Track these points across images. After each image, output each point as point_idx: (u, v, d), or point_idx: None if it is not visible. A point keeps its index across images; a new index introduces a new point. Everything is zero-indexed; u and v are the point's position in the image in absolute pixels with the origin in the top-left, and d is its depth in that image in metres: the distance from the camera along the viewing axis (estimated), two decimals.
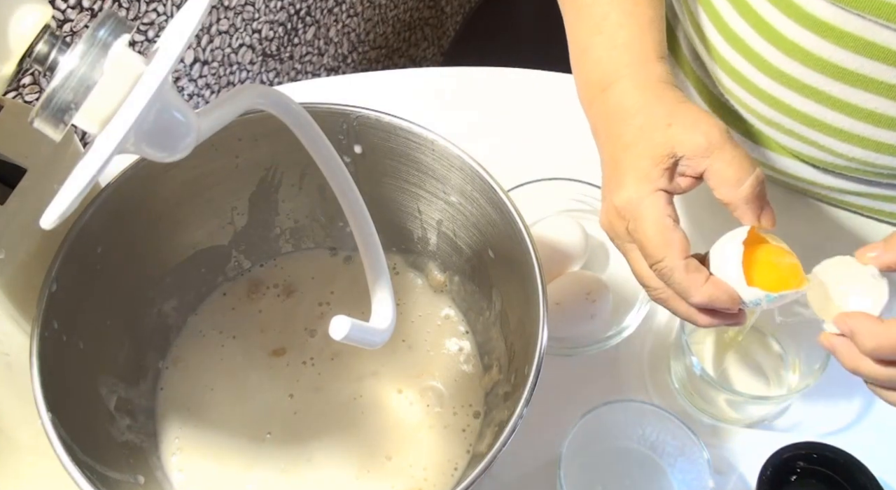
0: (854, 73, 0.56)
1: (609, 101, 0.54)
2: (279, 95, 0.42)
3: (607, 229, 0.53)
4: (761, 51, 0.60)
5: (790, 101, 0.61)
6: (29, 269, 0.49)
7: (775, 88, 0.62)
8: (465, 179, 0.55)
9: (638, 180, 0.50)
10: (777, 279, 0.48)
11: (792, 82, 0.60)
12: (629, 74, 0.54)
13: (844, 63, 0.56)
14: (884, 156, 0.61)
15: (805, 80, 0.59)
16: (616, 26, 0.56)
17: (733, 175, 0.48)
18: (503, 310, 0.58)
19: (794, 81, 0.60)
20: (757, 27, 0.60)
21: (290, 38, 1.30)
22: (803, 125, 0.62)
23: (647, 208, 0.49)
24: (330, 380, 0.60)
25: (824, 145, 0.63)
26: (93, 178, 0.33)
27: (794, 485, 0.58)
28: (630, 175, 0.50)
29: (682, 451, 0.58)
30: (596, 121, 0.56)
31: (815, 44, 0.57)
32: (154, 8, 0.98)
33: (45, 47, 0.36)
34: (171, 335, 0.62)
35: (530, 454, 0.60)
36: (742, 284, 0.47)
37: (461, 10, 1.92)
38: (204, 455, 0.57)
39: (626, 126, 0.52)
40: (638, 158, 0.50)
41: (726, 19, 0.63)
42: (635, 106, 0.52)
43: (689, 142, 0.49)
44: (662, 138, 0.50)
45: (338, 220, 0.64)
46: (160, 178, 0.55)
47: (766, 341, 0.66)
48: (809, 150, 0.64)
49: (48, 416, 0.45)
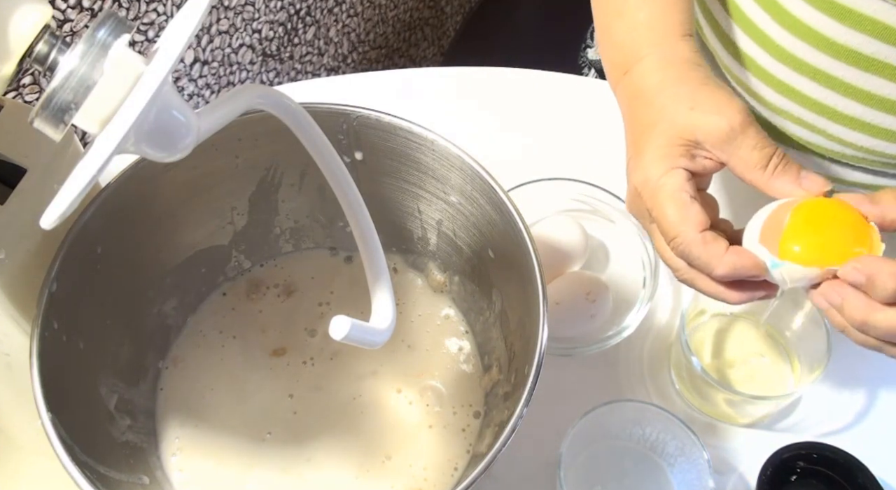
0: (870, 58, 0.55)
1: (632, 83, 0.54)
2: (279, 95, 0.42)
3: (631, 211, 0.52)
4: (773, 35, 0.60)
5: (801, 87, 0.60)
6: (29, 269, 0.49)
7: (786, 74, 0.61)
8: (465, 179, 0.55)
9: (656, 159, 0.49)
10: (814, 252, 0.45)
11: (804, 67, 0.59)
12: (651, 54, 0.53)
13: (861, 47, 0.55)
14: (894, 145, 0.60)
15: (818, 65, 0.58)
16: (636, 6, 0.55)
17: (758, 159, 0.47)
18: (503, 310, 0.58)
19: (806, 67, 0.59)
20: (770, 10, 0.59)
21: (290, 38, 1.30)
22: (813, 112, 0.61)
23: (663, 185, 0.48)
24: (330, 380, 0.60)
25: (833, 134, 0.62)
26: (93, 178, 0.33)
27: (794, 485, 0.58)
28: (649, 155, 0.49)
29: (682, 451, 0.58)
30: (621, 103, 0.55)
31: (830, 27, 0.56)
32: (154, 8, 0.98)
33: (45, 47, 0.36)
34: (171, 335, 0.62)
35: (530, 454, 0.60)
36: (764, 253, 0.45)
37: (461, 10, 1.92)
38: (204, 455, 0.57)
39: (648, 107, 0.52)
40: (657, 138, 0.50)
41: (737, 2, 0.62)
42: (657, 86, 0.52)
43: (712, 127, 0.48)
44: (684, 121, 0.49)
45: (338, 220, 0.64)
46: (160, 178, 0.55)
47: (767, 340, 0.66)
48: (818, 140, 0.64)
49: (48, 416, 0.45)
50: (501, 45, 1.90)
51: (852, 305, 0.44)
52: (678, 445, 0.58)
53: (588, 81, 0.85)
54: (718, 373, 0.64)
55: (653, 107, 0.51)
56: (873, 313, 0.44)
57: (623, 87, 0.55)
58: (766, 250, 0.46)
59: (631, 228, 0.68)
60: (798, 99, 0.62)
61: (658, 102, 0.51)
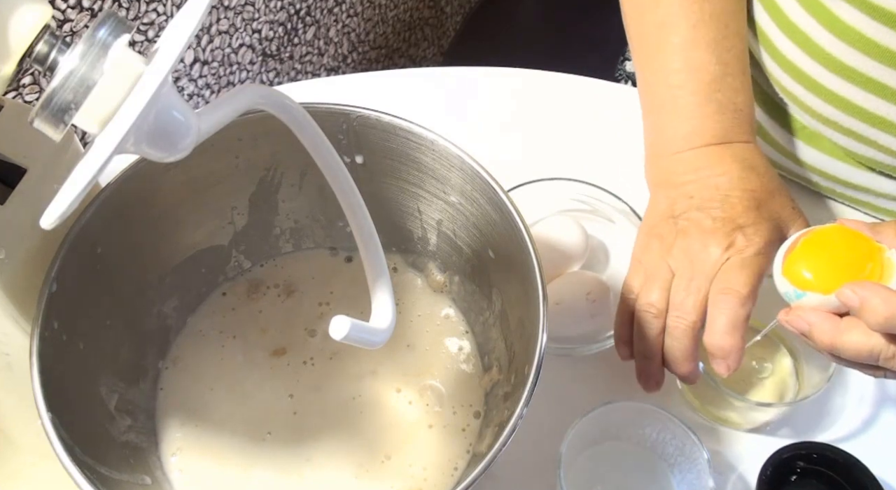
0: None
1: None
2: (279, 95, 0.42)
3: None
4: (824, 44, 0.59)
5: (852, 97, 0.60)
6: (29, 269, 0.49)
7: (837, 83, 0.60)
8: (465, 179, 0.55)
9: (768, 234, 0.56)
10: (820, 278, 0.48)
11: (855, 76, 0.59)
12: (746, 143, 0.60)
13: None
14: None
15: (870, 73, 0.58)
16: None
17: None
18: (503, 310, 0.58)
19: (857, 75, 0.58)
20: (820, 18, 0.58)
21: (290, 38, 1.30)
22: (864, 122, 0.61)
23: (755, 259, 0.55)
24: (330, 379, 0.60)
25: (884, 145, 0.61)
26: (93, 178, 0.33)
27: (794, 485, 0.58)
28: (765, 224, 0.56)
29: (682, 451, 0.58)
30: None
31: (882, 34, 0.55)
32: (154, 8, 0.98)
33: (45, 47, 0.36)
34: (171, 335, 0.62)
35: (530, 454, 0.60)
36: (777, 274, 0.49)
37: (461, 10, 1.92)
38: (204, 455, 0.57)
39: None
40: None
41: (786, 11, 0.61)
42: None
43: None
44: None
45: (338, 220, 0.64)
46: (160, 178, 0.55)
47: (772, 345, 0.65)
48: (867, 151, 0.63)
49: (48, 417, 0.45)
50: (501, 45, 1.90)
51: (820, 330, 0.47)
52: (678, 445, 0.58)
53: (588, 81, 0.85)
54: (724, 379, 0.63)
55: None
56: (839, 336, 0.46)
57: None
58: (788, 281, 0.49)
59: (631, 228, 0.68)
60: (848, 109, 0.61)
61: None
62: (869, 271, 0.47)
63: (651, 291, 0.57)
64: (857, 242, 0.48)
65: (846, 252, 0.48)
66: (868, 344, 0.46)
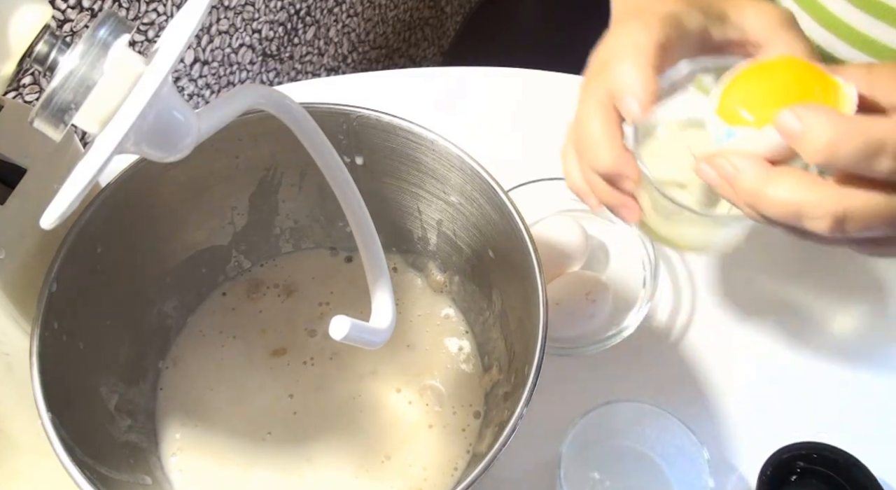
0: None
1: None
2: (279, 95, 0.42)
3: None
4: (815, 37, 0.58)
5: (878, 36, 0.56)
6: (29, 269, 0.49)
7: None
8: (465, 179, 0.55)
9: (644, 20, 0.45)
10: (757, 112, 0.39)
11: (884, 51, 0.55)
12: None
13: None
14: None
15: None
16: None
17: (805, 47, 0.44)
18: (503, 310, 0.58)
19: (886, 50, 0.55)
20: (811, 11, 0.57)
21: (290, 38, 1.30)
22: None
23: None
24: (330, 380, 0.60)
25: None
26: (93, 178, 0.33)
27: (794, 485, 0.58)
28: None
29: (681, 451, 0.58)
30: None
31: (873, 27, 0.54)
32: (154, 8, 0.98)
33: (45, 47, 0.36)
34: (171, 335, 0.62)
35: (530, 454, 0.60)
36: (711, 114, 0.40)
37: (461, 10, 1.92)
38: (204, 455, 0.57)
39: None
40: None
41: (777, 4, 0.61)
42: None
43: (761, 8, 0.44)
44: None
45: (338, 220, 0.64)
46: (160, 178, 0.55)
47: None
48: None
49: (48, 417, 0.45)
50: (501, 45, 1.90)
51: (743, 177, 0.39)
52: (678, 445, 0.58)
53: None
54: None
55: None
56: (765, 186, 0.38)
57: None
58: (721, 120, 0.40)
59: (631, 228, 0.68)
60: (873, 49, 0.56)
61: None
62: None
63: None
64: (808, 75, 0.39)
65: (793, 85, 0.39)
66: (795, 197, 0.38)
